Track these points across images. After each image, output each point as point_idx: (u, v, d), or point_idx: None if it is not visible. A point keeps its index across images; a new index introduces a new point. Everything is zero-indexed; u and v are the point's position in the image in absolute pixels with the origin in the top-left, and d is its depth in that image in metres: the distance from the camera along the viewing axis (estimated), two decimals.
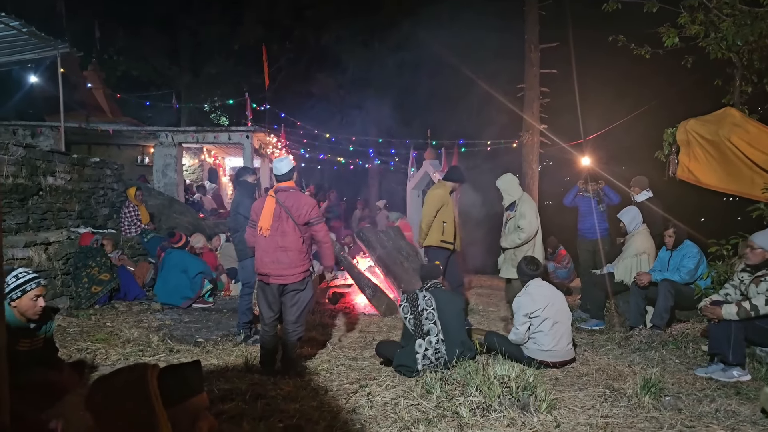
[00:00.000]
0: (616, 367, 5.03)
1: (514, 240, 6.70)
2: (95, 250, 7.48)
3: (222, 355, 5.42)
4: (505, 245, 6.82)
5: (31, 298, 3.51)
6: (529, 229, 6.64)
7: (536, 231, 6.75)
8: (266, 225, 4.82)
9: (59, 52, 9.74)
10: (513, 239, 6.72)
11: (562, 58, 13.57)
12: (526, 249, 6.72)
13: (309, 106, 21.20)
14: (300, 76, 21.32)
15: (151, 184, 13.09)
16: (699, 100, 9.43)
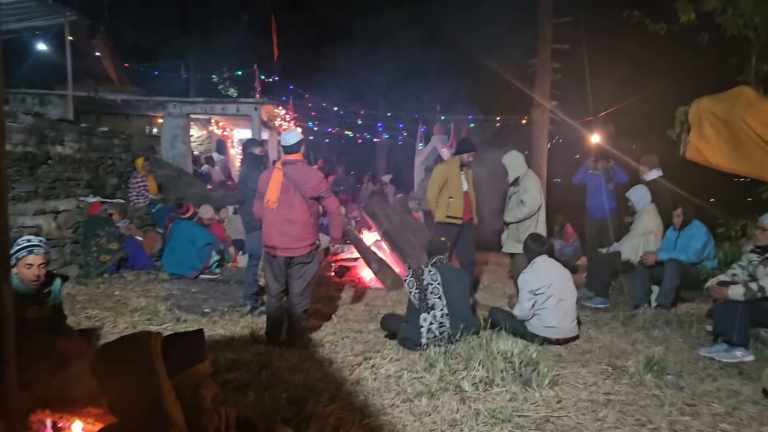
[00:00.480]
0: (619, 345, 5.05)
1: (516, 214, 6.68)
2: (104, 220, 7.52)
3: (228, 326, 5.48)
4: (508, 219, 6.80)
5: (24, 266, 3.52)
6: (532, 203, 6.60)
7: (539, 206, 6.72)
8: (273, 198, 4.82)
9: (67, 20, 9.70)
10: (515, 213, 6.70)
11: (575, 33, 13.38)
12: (529, 225, 6.70)
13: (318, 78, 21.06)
14: (309, 48, 21.14)
15: (159, 155, 13.11)
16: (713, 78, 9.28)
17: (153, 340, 1.65)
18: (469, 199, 6.85)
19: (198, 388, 1.73)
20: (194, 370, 1.73)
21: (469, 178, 6.88)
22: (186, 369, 1.70)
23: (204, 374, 1.76)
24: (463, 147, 6.97)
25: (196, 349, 1.76)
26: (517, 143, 13.81)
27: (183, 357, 1.71)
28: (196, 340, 1.77)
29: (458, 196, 6.74)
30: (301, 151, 5.04)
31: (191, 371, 1.72)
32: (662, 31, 8.45)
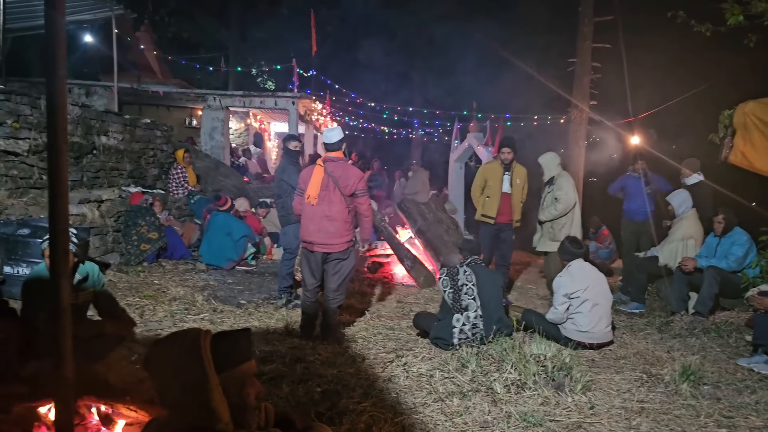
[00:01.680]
0: (654, 352, 4.99)
1: (551, 212, 6.65)
2: (145, 210, 7.72)
3: (263, 318, 5.59)
4: (542, 218, 6.77)
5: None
6: (566, 200, 6.56)
7: (573, 204, 6.67)
8: (314, 194, 4.90)
9: (114, 13, 9.94)
10: (550, 211, 6.67)
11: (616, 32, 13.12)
12: (564, 222, 6.66)
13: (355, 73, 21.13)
14: (347, 43, 21.23)
15: (198, 147, 13.35)
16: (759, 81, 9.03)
17: (203, 339, 1.71)
18: (508, 201, 6.79)
19: (243, 385, 1.78)
20: (240, 368, 1.79)
21: (517, 180, 6.78)
22: (233, 367, 1.76)
23: (249, 372, 1.82)
24: (500, 144, 6.96)
25: (242, 348, 1.82)
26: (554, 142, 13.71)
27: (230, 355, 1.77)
28: (243, 339, 1.84)
29: (495, 196, 6.72)
30: (342, 149, 5.10)
31: (238, 369, 1.78)
32: (708, 32, 8.24)
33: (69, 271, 1.71)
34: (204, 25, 20.62)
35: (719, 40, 8.66)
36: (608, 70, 13.94)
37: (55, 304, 1.61)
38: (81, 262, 3.94)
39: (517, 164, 6.87)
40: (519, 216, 6.87)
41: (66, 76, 1.65)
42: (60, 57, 1.61)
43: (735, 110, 7.07)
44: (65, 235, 1.66)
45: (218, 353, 1.71)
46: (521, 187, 6.81)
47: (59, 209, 1.63)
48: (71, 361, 1.68)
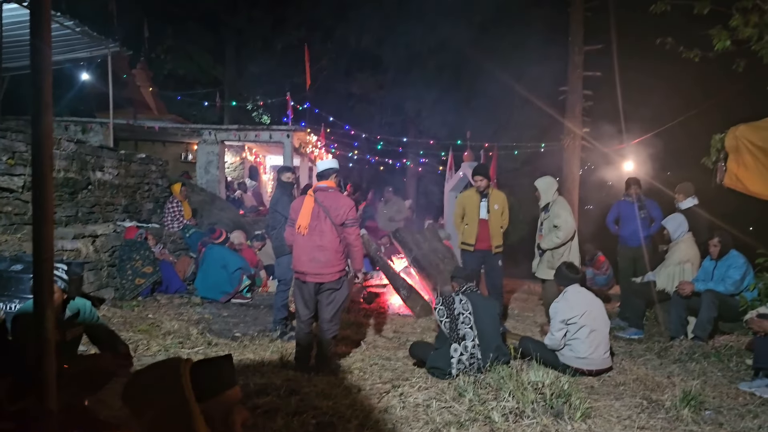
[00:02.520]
0: (654, 378, 4.92)
1: (552, 240, 6.59)
2: (139, 244, 7.69)
3: (258, 350, 5.52)
4: (544, 246, 6.70)
5: None
6: (566, 227, 6.52)
7: (574, 230, 6.64)
8: (304, 224, 4.89)
9: (110, 51, 10.05)
10: (551, 239, 6.61)
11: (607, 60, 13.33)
12: (563, 251, 6.62)
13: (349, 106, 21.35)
14: (341, 76, 21.50)
15: (193, 181, 13.39)
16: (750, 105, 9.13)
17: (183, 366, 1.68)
18: (486, 227, 6.75)
19: (228, 413, 1.75)
20: (224, 395, 1.75)
21: (495, 205, 6.77)
22: (216, 394, 1.73)
23: (234, 400, 1.78)
24: (473, 173, 6.94)
25: (225, 375, 1.78)
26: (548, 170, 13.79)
27: (213, 382, 1.73)
28: (225, 365, 1.80)
29: (473, 223, 6.72)
30: (334, 179, 5.11)
31: (221, 397, 1.74)
32: (696, 58, 8.36)
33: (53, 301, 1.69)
34: (199, 61, 20.90)
35: (709, 66, 8.80)
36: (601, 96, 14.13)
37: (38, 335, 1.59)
38: (72, 298, 3.90)
39: (494, 190, 6.90)
40: (500, 242, 6.80)
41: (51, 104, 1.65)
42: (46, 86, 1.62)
43: (726, 134, 7.13)
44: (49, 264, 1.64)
45: (200, 381, 1.68)
46: (500, 213, 6.78)
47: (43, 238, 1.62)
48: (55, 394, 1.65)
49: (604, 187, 20.20)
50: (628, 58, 13.51)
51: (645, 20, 9.10)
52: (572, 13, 13.36)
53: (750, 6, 7.35)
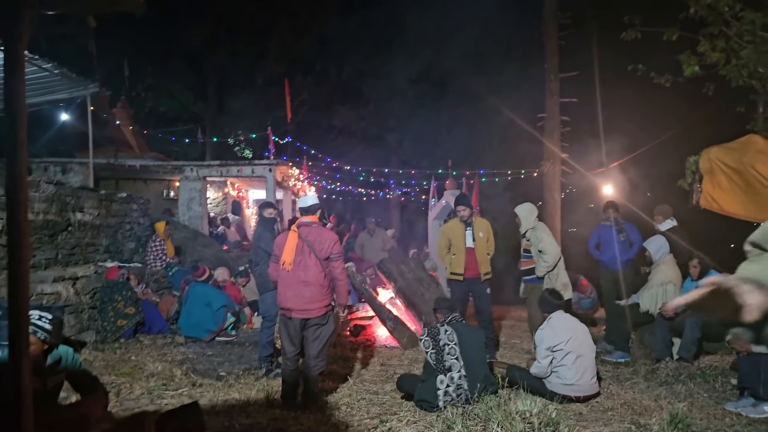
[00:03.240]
0: (642, 402, 4.92)
1: (542, 266, 6.66)
2: (121, 284, 7.60)
3: (244, 389, 5.44)
4: (539, 274, 6.75)
5: None
6: (551, 250, 6.61)
7: (558, 252, 6.73)
8: (289, 259, 4.89)
9: (89, 91, 10.07)
10: (541, 266, 6.68)
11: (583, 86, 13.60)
12: (557, 272, 6.70)
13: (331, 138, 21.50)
14: (322, 108, 21.68)
15: (176, 217, 13.32)
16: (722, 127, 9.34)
17: (147, 424, 1.67)
18: (474, 255, 6.80)
19: None
20: None
21: (479, 233, 6.83)
22: None
23: None
24: (455, 203, 7.03)
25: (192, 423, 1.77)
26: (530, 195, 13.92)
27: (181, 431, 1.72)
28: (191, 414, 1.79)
29: (460, 252, 6.75)
30: (317, 214, 5.13)
31: None
32: (667, 83, 8.58)
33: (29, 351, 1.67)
34: (180, 98, 20.98)
35: (685, 90, 9.02)
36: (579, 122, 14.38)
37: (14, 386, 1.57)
38: (54, 346, 3.83)
39: (477, 218, 6.97)
40: (488, 269, 6.85)
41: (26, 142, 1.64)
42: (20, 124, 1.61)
43: (700, 156, 7.28)
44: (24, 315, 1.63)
45: None
46: (485, 240, 6.84)
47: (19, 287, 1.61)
48: None
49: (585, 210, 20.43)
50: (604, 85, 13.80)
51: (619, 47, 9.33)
52: (546, 42, 13.65)
53: (716, 32, 7.59)
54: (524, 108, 16.60)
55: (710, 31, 7.69)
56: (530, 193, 15.54)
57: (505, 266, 10.62)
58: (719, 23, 7.54)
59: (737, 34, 7.48)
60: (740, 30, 7.44)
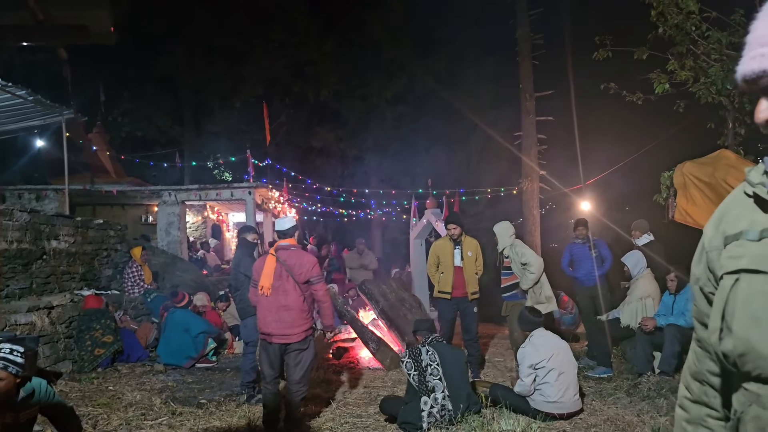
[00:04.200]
0: (624, 417, 4.94)
1: (528, 278, 6.71)
2: (100, 312, 7.48)
3: (225, 417, 5.36)
4: (524, 287, 6.79)
5: None
6: (535, 261, 6.71)
7: (542, 263, 6.80)
8: (267, 284, 4.85)
9: (64, 117, 9.97)
10: (527, 278, 6.72)
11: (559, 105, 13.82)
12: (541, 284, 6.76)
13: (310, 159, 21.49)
14: (300, 130, 21.68)
15: (154, 242, 13.16)
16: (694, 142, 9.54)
17: None
18: (462, 274, 6.83)
19: None
20: None
21: (468, 252, 6.87)
22: None
23: None
24: (446, 221, 7.11)
25: None
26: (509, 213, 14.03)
27: None
28: None
29: (448, 271, 6.79)
30: (296, 237, 5.11)
31: None
32: (639, 101, 8.74)
33: None
34: (157, 122, 20.84)
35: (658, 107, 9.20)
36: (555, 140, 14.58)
37: None
38: (27, 379, 3.74)
39: (466, 237, 7.00)
40: (475, 288, 6.88)
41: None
42: None
43: (674, 171, 7.41)
44: None
45: None
46: (474, 259, 6.89)
47: None
48: None
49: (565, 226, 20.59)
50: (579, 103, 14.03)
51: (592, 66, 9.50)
52: (521, 62, 13.88)
53: (684, 51, 7.77)
54: (502, 126, 16.81)
55: (678, 50, 7.86)
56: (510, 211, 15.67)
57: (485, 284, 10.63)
58: (687, 42, 7.73)
59: (705, 52, 7.66)
60: (707, 49, 7.62)
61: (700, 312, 1.33)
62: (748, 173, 1.26)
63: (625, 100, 8.93)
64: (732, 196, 1.34)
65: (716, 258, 1.26)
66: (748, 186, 1.25)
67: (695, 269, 1.36)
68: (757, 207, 1.22)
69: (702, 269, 1.33)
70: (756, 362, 1.17)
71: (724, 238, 1.26)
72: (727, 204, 1.34)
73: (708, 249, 1.31)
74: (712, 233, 1.31)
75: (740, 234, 1.24)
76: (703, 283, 1.30)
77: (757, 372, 1.17)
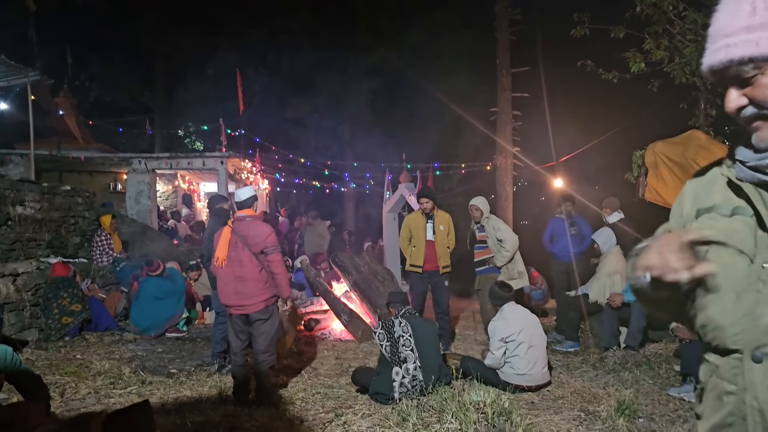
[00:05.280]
0: (590, 390, 5.06)
1: (503, 255, 6.81)
2: (68, 281, 7.33)
3: (195, 386, 5.33)
4: (499, 264, 6.89)
5: None
6: (510, 238, 6.79)
7: (517, 240, 6.90)
8: (222, 255, 4.83)
9: (29, 79, 9.65)
10: (502, 255, 6.82)
11: (535, 82, 13.82)
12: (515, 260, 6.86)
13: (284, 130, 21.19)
14: (275, 101, 21.34)
15: (123, 211, 12.91)
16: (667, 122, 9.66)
17: (94, 423, 1.60)
18: (433, 248, 6.87)
19: None
20: None
21: (440, 226, 6.90)
22: None
23: None
24: (418, 195, 7.11)
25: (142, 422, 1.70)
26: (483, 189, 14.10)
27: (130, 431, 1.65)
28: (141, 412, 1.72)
29: (420, 245, 6.82)
30: (254, 207, 5.06)
31: None
32: (615, 80, 8.79)
33: None
34: (128, 88, 20.32)
35: (632, 86, 9.28)
36: (530, 116, 14.62)
37: None
38: None
39: (439, 211, 7.01)
40: (447, 262, 6.93)
41: None
42: None
43: (646, 150, 7.51)
44: None
45: None
46: (446, 233, 6.93)
47: None
48: None
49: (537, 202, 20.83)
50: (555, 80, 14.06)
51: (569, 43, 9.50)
52: (499, 37, 13.80)
53: (660, 30, 7.82)
54: (478, 102, 16.77)
55: (655, 29, 7.91)
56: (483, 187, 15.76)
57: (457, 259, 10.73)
58: (663, 22, 7.78)
59: (680, 32, 7.73)
60: (683, 29, 7.69)
61: None
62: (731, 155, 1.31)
63: (601, 78, 8.98)
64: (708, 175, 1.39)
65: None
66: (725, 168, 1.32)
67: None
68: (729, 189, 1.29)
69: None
70: (713, 332, 1.23)
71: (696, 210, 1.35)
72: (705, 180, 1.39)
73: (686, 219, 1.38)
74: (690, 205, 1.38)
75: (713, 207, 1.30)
76: None
77: (715, 343, 1.22)
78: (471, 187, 17.27)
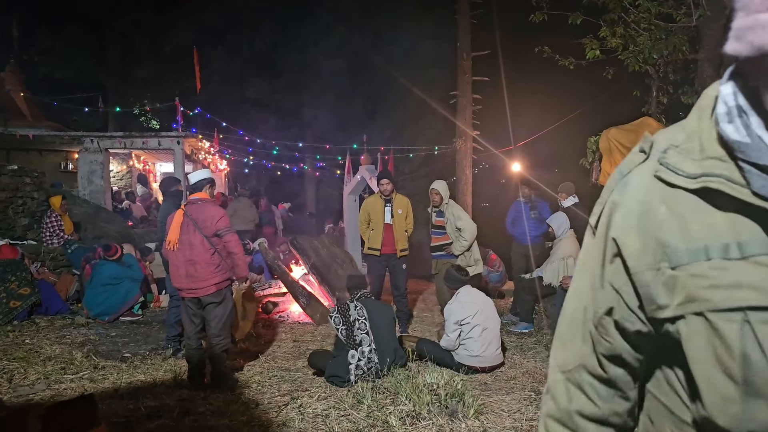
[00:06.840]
0: (542, 370, 5.20)
1: (462, 244, 6.90)
2: (15, 263, 7.11)
3: (150, 371, 5.27)
4: (457, 252, 6.97)
5: None
6: (469, 227, 6.88)
7: (475, 229, 6.99)
8: (174, 238, 4.78)
9: None
10: (461, 243, 6.90)
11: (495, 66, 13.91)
12: (472, 249, 6.95)
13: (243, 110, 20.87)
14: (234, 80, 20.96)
15: (75, 192, 12.55)
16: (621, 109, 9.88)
17: (31, 418, 1.56)
18: (391, 232, 6.91)
19: None
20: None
21: (398, 210, 6.93)
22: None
23: None
24: (378, 177, 7.14)
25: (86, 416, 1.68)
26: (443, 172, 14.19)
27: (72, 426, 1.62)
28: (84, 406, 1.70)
29: (378, 228, 6.86)
30: (206, 190, 5.00)
31: None
32: (571, 66, 8.93)
33: None
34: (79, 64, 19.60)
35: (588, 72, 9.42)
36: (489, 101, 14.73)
37: None
38: None
39: (397, 195, 7.05)
40: (405, 245, 7.00)
41: None
42: None
43: (600, 136, 7.68)
44: None
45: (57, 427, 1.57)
46: (404, 217, 6.98)
47: None
48: None
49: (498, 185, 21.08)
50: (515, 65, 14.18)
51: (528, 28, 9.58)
52: (459, 20, 13.81)
53: (616, 18, 7.96)
54: (438, 86, 16.81)
55: (611, 17, 8.05)
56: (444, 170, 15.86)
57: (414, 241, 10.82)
58: (619, 10, 7.91)
59: (635, 21, 7.88)
60: (637, 17, 7.84)
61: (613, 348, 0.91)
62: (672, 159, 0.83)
63: (558, 64, 9.10)
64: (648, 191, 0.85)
65: (654, 282, 0.82)
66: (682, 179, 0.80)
67: (599, 295, 0.92)
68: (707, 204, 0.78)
69: (612, 297, 0.89)
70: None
71: (664, 252, 0.81)
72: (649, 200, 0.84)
73: (635, 269, 0.85)
74: (639, 246, 0.84)
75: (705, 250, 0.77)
76: (621, 316, 0.88)
77: None
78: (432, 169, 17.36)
